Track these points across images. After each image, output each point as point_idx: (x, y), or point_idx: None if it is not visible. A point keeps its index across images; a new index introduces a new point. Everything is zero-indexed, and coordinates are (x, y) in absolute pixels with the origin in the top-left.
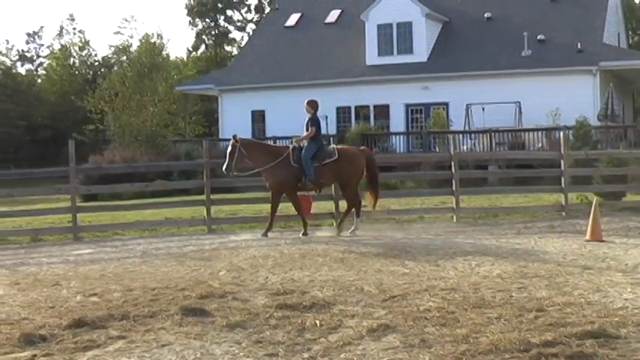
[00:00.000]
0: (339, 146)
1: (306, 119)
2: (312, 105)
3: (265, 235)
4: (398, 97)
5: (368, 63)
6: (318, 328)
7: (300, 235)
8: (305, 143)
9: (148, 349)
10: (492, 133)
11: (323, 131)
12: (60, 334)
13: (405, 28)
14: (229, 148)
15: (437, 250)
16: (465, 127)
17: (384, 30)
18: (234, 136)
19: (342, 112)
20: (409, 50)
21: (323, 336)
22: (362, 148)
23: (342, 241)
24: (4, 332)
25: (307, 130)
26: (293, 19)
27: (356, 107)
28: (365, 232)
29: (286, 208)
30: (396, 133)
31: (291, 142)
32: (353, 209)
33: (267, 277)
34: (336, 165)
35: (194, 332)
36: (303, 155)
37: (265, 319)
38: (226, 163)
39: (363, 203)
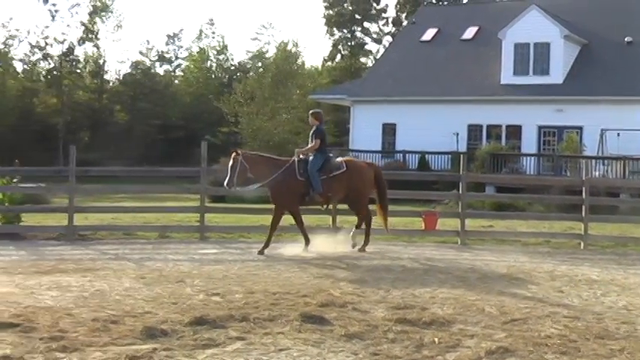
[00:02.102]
0: (346, 158)
1: (311, 131)
2: (317, 116)
3: (261, 252)
4: (531, 118)
5: (502, 82)
6: (436, 346)
7: (302, 249)
8: (310, 156)
9: (265, 352)
10: (627, 161)
11: (454, 148)
12: (181, 330)
13: (543, 49)
14: (230, 162)
15: (561, 276)
16: (598, 153)
17: (520, 49)
18: (236, 150)
19: (474, 130)
20: (545, 71)
21: (440, 354)
22: (370, 162)
23: (465, 260)
24: (128, 324)
25: (312, 141)
26: (429, 34)
27: (488, 126)
28: (490, 253)
29: (411, 222)
30: (527, 155)
31: (296, 154)
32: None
33: (388, 290)
34: (344, 178)
35: (312, 339)
36: (310, 168)
37: (384, 332)
38: (228, 177)
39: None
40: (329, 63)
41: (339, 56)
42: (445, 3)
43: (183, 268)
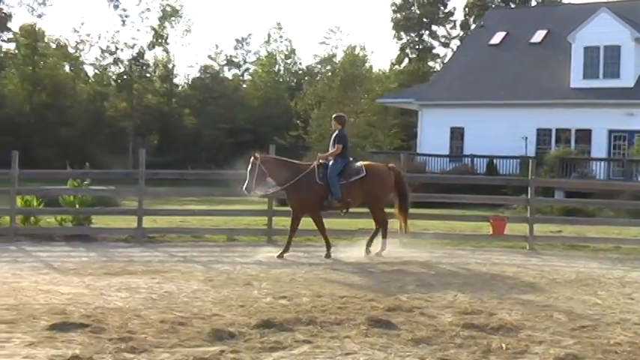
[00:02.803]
0: (365, 163)
1: (333, 135)
2: (339, 120)
3: (281, 256)
4: (601, 122)
5: (572, 85)
6: (503, 351)
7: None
8: (331, 160)
9: (332, 355)
10: None
11: (522, 152)
12: (248, 333)
13: (613, 52)
14: (249, 167)
15: (632, 282)
16: None
17: (590, 53)
18: (254, 154)
19: (543, 134)
20: (616, 75)
21: None
22: (390, 165)
23: (534, 265)
24: (196, 326)
25: (333, 146)
26: (498, 38)
27: (557, 130)
28: (558, 259)
29: (479, 227)
30: (596, 159)
31: (317, 159)
32: (381, 229)
33: (455, 295)
34: (363, 183)
35: (379, 343)
36: (330, 172)
37: (451, 337)
38: (246, 182)
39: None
40: (397, 67)
41: (406, 60)
42: (513, 6)
43: (251, 271)
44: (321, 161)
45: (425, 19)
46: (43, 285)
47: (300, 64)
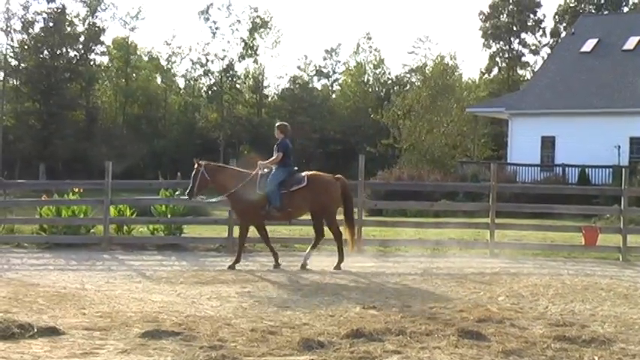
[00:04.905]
0: (310, 173)
1: (276, 144)
2: (281, 129)
3: (232, 267)
4: None
5: None
6: None
7: (274, 264)
8: (274, 169)
9: None
10: None
11: (615, 162)
12: (337, 343)
13: None
14: (193, 172)
15: None
16: None
17: None
18: (197, 160)
19: (636, 143)
20: None
21: None
22: (337, 176)
23: (628, 277)
24: (285, 335)
25: (275, 154)
26: (589, 45)
27: None
28: None
29: (570, 238)
30: None
31: (259, 166)
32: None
33: (546, 307)
34: (305, 192)
35: (469, 355)
36: (269, 181)
37: (542, 349)
38: (189, 187)
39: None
40: (486, 75)
41: (496, 69)
42: (605, 13)
43: (340, 280)
44: (265, 170)
45: (514, 27)
46: (135, 293)
47: (389, 73)
